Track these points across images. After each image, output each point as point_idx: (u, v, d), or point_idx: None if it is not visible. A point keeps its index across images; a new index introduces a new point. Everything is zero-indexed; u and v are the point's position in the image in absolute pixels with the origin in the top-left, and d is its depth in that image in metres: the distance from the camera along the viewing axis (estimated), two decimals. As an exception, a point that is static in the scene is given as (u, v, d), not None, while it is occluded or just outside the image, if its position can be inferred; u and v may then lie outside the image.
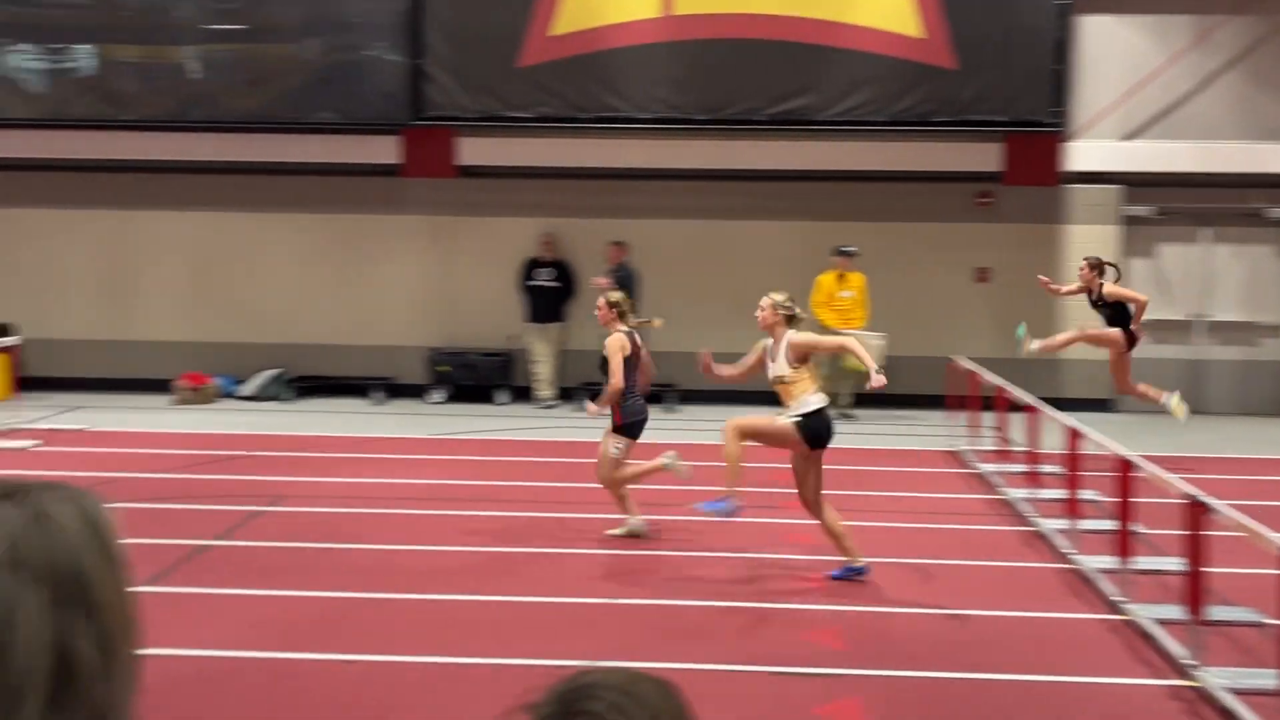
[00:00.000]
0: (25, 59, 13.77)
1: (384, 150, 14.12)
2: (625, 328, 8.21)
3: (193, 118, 13.81)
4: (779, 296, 7.41)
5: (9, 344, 12.72)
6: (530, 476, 10.16)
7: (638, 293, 13.57)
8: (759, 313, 7.43)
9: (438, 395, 14.08)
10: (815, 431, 7.19)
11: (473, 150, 14.12)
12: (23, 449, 11.00)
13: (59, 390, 14.04)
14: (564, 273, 14.05)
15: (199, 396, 13.87)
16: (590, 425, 12.72)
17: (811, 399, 7.22)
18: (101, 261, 14.56)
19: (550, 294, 13.95)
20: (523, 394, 14.04)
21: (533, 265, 14.01)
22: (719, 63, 13.22)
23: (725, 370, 7.78)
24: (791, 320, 7.36)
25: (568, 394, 13.95)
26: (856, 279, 13.35)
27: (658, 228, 14.06)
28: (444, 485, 9.77)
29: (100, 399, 13.77)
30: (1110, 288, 10.70)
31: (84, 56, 13.73)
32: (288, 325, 14.49)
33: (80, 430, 11.97)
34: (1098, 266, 10.75)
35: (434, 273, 14.43)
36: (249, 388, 14.18)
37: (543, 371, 14.00)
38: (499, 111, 13.47)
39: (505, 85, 13.39)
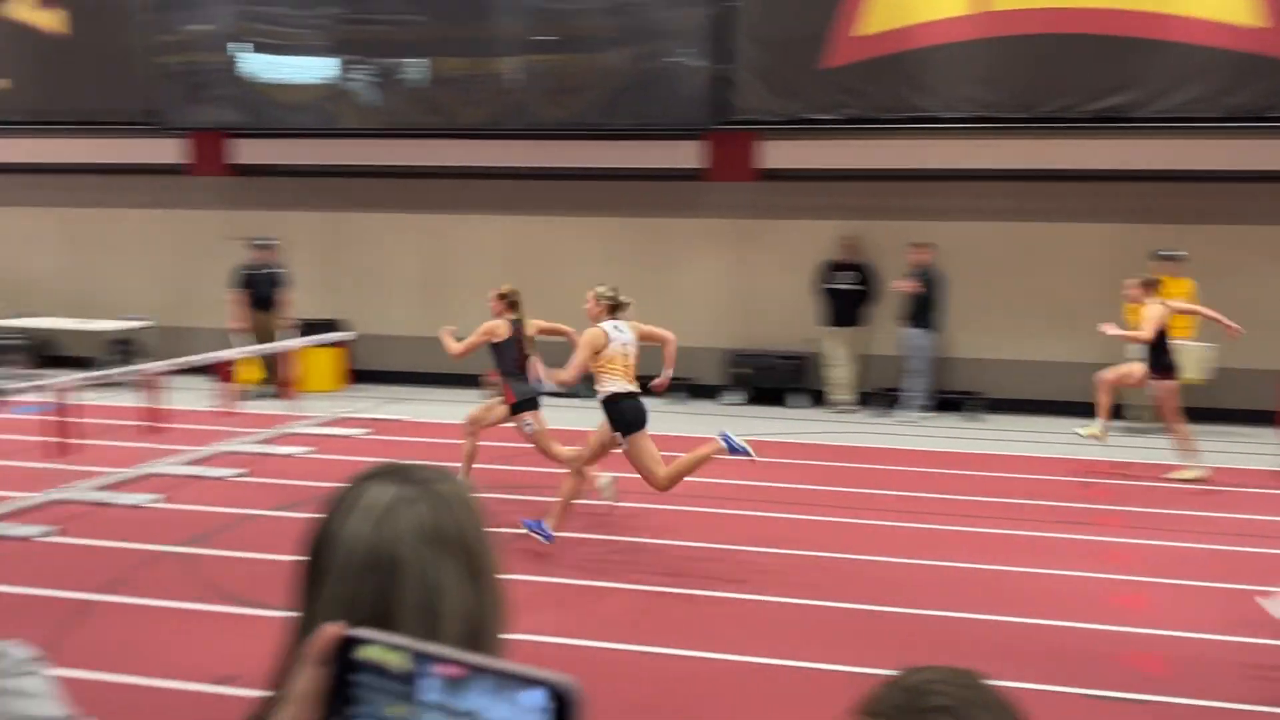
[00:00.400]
0: (362, 73, 14.76)
1: (687, 155, 14.35)
2: (514, 316, 9.16)
3: (509, 126, 14.45)
4: (601, 288, 8.04)
5: (342, 339, 13.66)
6: (825, 481, 10.09)
7: (943, 297, 13.28)
8: (586, 305, 8.05)
9: (734, 397, 14.19)
10: (621, 416, 7.71)
11: (775, 153, 14.15)
12: (355, 436, 11.83)
13: (385, 383, 14.99)
14: (864, 276, 13.88)
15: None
16: (889, 432, 12.57)
17: (610, 385, 7.77)
18: (423, 262, 15.45)
19: (849, 297, 13.81)
20: (820, 398, 13.97)
21: (832, 268, 13.91)
22: (1033, 59, 12.73)
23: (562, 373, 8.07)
24: (615, 309, 7.92)
25: (865, 399, 13.78)
26: (1182, 286, 12.56)
27: (964, 230, 13.68)
28: (741, 486, 9.83)
29: (421, 391, 14.61)
30: (1145, 310, 10.33)
31: (414, 70, 14.60)
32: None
33: (404, 420, 12.73)
34: (1147, 285, 10.42)
35: (733, 275, 14.55)
36: (549, 384, 14.69)
37: (840, 376, 13.88)
38: (802, 114, 13.43)
39: (809, 87, 13.35)
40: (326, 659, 0.93)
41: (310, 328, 14.06)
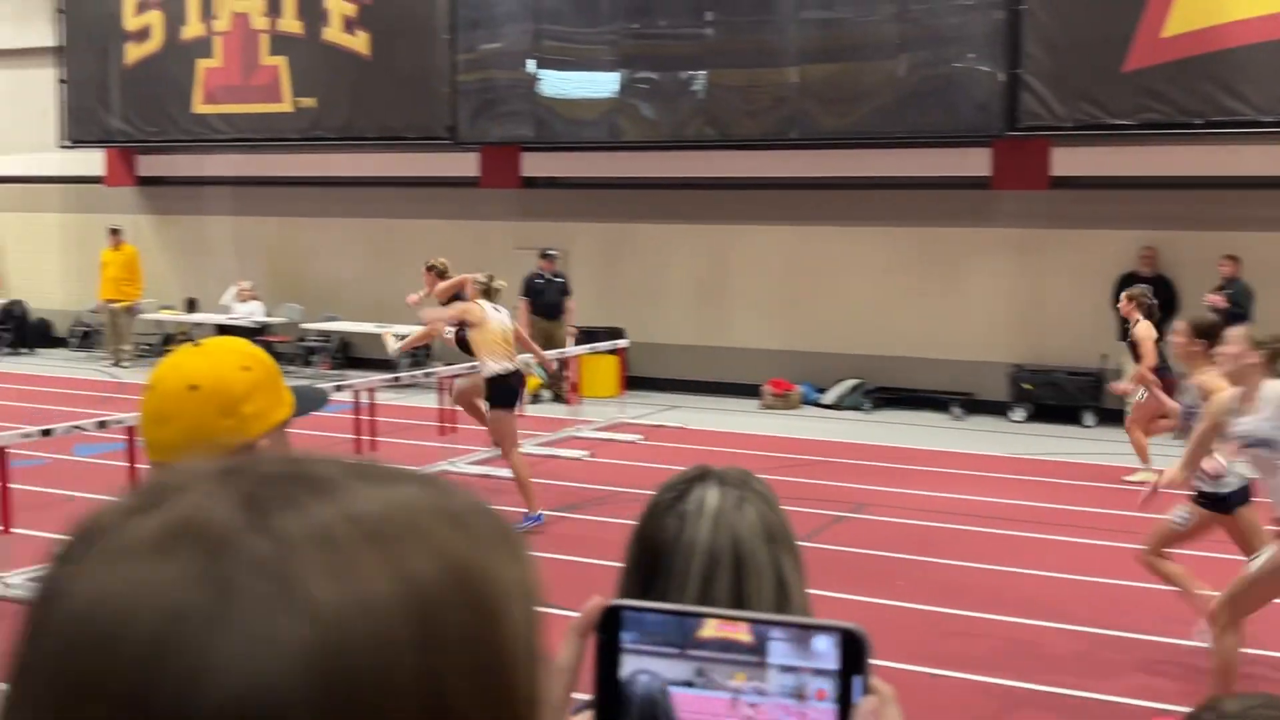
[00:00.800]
0: (646, 87, 15.03)
1: (974, 163, 13.93)
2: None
3: (789, 137, 14.40)
4: (477, 274, 9.19)
5: (620, 346, 13.96)
6: (1116, 504, 9.56)
7: (1252, 312, 12.39)
8: (467, 291, 9.23)
9: (1019, 413, 13.66)
10: (503, 391, 8.78)
11: (1068, 160, 13.56)
12: (631, 441, 12.05)
13: (659, 390, 15.22)
14: (1163, 289, 13.10)
15: (784, 402, 14.44)
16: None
17: (494, 365, 8.72)
18: (700, 272, 15.60)
19: (1147, 312, 13.06)
20: (1111, 417, 13.24)
21: (1129, 280, 13.19)
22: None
23: None
24: (488, 293, 8.96)
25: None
26: None
27: (1277, 241, 12.72)
28: (1024, 506, 9.46)
29: (695, 400, 14.75)
30: (1139, 331, 9.88)
31: (695, 83, 14.76)
32: (869, 336, 14.71)
33: (678, 428, 12.88)
34: (1135, 299, 10.03)
35: (1019, 287, 14.03)
36: (830, 396, 14.56)
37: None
38: (1100, 119, 12.80)
39: (1107, 92, 12.71)
40: (586, 630, 0.95)
41: (591, 335, 14.42)
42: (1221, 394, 5.51)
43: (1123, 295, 10.35)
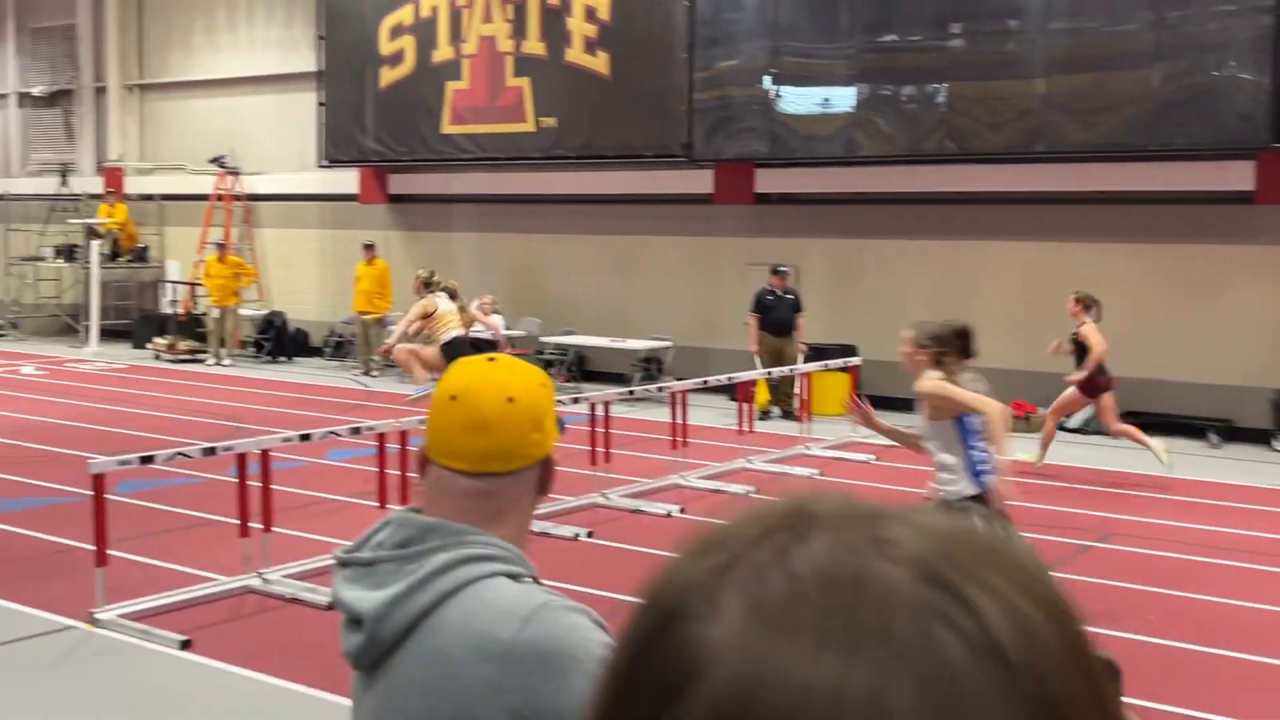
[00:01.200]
0: (882, 101, 14.78)
1: (1235, 176, 13.15)
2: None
3: (1034, 150, 13.93)
4: (420, 271, 11.98)
5: (852, 364, 13.77)
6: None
7: None
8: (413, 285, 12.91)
9: (1283, 442, 12.81)
10: (453, 351, 11.30)
11: (1341, 173, 12.64)
12: (863, 461, 11.87)
13: (893, 409, 14.88)
14: None
15: (1026, 425, 13.89)
16: None
17: (447, 334, 12.08)
18: (937, 289, 15.23)
19: None
20: (1389, 449, 12.28)
21: None
22: None
23: None
24: (429, 286, 12.03)
25: None
26: None
27: None
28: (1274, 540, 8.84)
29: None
30: (1086, 329, 10.81)
31: (935, 96, 14.43)
32: (1118, 358, 13.95)
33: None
34: (1083, 301, 10.90)
35: (1286, 308, 13.15)
36: (1075, 420, 13.95)
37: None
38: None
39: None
40: None
41: (822, 352, 14.27)
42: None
43: (1072, 295, 11.09)
